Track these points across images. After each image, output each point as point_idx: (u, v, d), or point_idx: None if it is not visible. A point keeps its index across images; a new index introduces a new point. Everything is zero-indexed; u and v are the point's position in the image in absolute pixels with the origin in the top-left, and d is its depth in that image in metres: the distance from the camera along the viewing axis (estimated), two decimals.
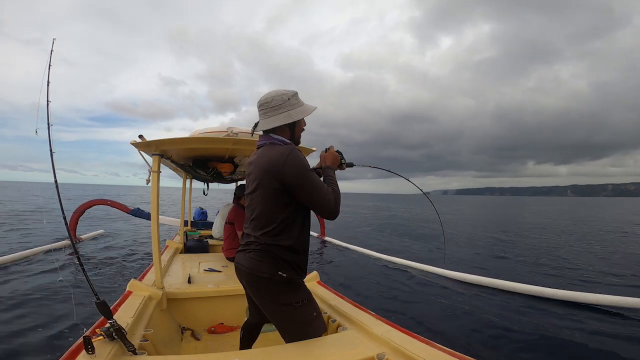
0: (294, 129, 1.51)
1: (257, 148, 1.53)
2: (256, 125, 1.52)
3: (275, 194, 1.39)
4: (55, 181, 1.70)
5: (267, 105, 1.45)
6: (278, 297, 1.44)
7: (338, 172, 1.65)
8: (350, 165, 1.76)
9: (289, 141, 1.49)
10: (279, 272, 1.41)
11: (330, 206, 1.38)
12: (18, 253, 6.24)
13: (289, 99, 1.44)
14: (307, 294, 1.54)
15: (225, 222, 3.87)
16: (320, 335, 1.53)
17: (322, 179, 1.57)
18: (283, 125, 1.47)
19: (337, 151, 1.69)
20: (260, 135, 1.55)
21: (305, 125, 1.58)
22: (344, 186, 1.79)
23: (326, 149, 1.69)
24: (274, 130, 1.48)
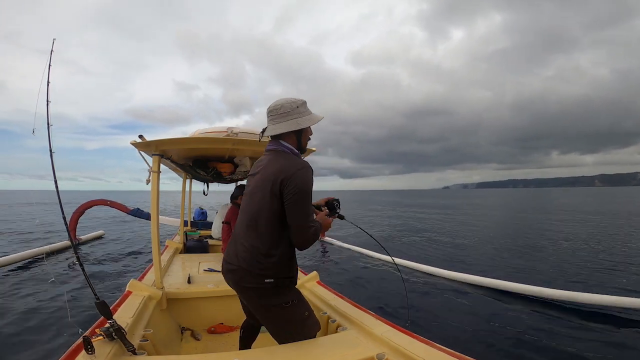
0: (300, 137, 1.55)
1: (266, 151, 1.57)
2: (264, 130, 1.56)
3: (271, 200, 1.41)
4: (55, 181, 1.71)
5: (276, 112, 1.48)
6: (267, 301, 1.47)
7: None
8: (341, 217, 1.82)
9: (297, 151, 1.54)
10: (265, 280, 1.43)
11: (306, 234, 1.41)
12: (18, 254, 6.25)
13: (297, 107, 1.48)
14: (297, 294, 1.56)
15: (222, 222, 3.87)
16: (313, 335, 1.54)
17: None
18: (290, 132, 1.50)
19: (336, 199, 1.78)
20: (269, 140, 1.59)
21: (311, 134, 1.61)
22: (361, 183, 1.81)
23: (329, 214, 1.74)
24: (281, 136, 1.52)
